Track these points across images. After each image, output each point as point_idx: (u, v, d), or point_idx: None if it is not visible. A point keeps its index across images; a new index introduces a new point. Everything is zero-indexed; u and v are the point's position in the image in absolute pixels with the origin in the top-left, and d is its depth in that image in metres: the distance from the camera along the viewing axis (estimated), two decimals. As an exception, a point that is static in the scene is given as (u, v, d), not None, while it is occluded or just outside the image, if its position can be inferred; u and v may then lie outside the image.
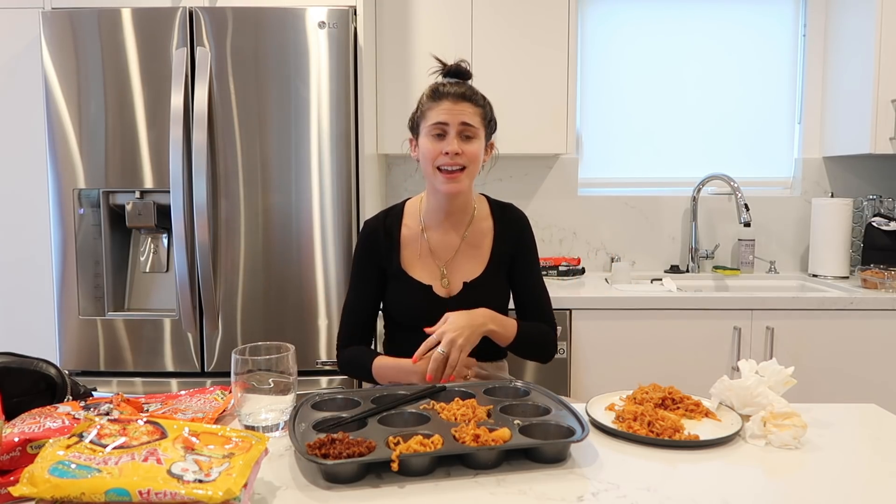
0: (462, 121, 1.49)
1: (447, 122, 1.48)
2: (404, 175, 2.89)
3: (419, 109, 1.55)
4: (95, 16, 2.11)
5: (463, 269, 1.60)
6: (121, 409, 1.12)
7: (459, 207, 1.60)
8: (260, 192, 2.14)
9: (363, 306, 1.63)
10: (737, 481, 1.01)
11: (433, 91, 1.53)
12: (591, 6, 2.90)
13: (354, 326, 1.63)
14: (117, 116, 2.13)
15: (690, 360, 2.31)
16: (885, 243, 2.65)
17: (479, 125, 1.51)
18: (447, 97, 1.50)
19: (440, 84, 1.54)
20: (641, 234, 2.92)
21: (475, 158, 1.52)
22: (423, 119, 1.53)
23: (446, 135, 1.49)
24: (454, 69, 1.56)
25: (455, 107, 1.49)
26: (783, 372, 1.27)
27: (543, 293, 1.66)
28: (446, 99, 1.49)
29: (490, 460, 1.03)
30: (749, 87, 2.94)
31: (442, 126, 1.49)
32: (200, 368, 2.19)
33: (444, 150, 1.48)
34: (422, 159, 1.54)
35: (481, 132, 1.53)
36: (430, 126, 1.50)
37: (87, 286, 2.20)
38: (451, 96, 1.50)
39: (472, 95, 1.52)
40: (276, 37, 2.10)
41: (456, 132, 1.49)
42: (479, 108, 1.52)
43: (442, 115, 1.49)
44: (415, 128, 1.57)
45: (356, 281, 1.63)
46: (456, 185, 1.51)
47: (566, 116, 2.57)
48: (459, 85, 1.53)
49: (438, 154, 1.49)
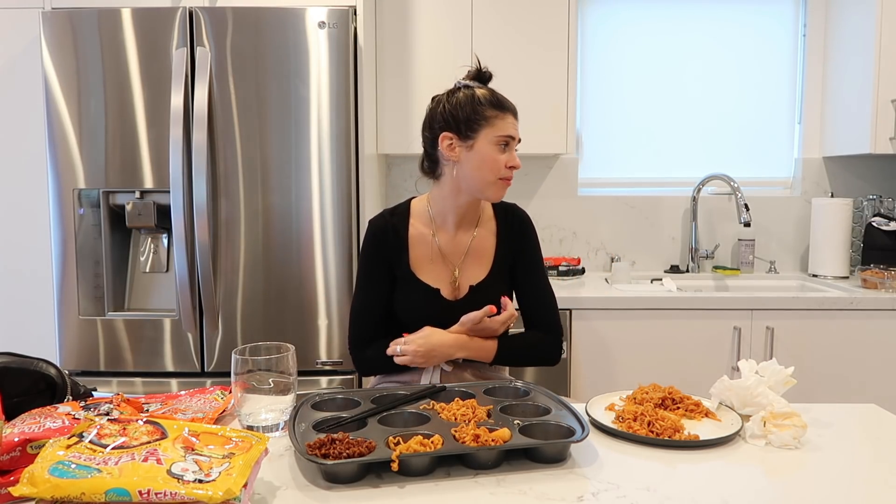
0: (518, 137, 1.56)
1: (514, 136, 1.53)
2: (404, 175, 2.89)
3: (478, 113, 1.50)
4: (95, 16, 2.11)
5: (469, 272, 1.60)
6: (121, 409, 1.12)
7: (472, 211, 1.61)
8: (260, 192, 2.14)
9: (375, 305, 1.60)
10: (737, 481, 1.01)
11: (495, 100, 1.53)
12: (591, 6, 2.90)
13: (367, 327, 1.60)
14: (117, 116, 2.13)
15: (690, 360, 2.31)
16: (885, 243, 2.65)
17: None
18: (510, 111, 1.54)
19: (498, 95, 1.55)
20: (641, 234, 2.92)
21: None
22: (488, 126, 1.50)
23: (509, 147, 1.53)
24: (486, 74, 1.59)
25: (514, 122, 1.54)
26: (783, 372, 1.27)
27: (547, 295, 1.64)
28: (510, 113, 1.54)
29: (490, 460, 1.03)
30: (749, 87, 2.94)
31: (509, 139, 1.52)
32: (200, 368, 2.19)
33: (509, 164, 1.52)
34: (477, 165, 1.51)
35: None
36: (499, 136, 1.51)
37: (87, 286, 2.20)
38: (513, 111, 1.54)
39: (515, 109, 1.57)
40: (275, 37, 2.10)
41: (513, 147, 1.54)
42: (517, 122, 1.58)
43: (510, 128, 1.52)
44: (463, 128, 1.51)
45: (365, 280, 1.60)
46: (504, 192, 1.56)
47: (566, 116, 2.57)
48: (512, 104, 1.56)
49: (503, 165, 1.52)
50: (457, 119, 1.51)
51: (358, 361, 1.62)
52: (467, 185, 1.54)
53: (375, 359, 1.56)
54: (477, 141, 1.51)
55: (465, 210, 1.59)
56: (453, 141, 1.52)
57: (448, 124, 1.52)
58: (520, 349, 1.60)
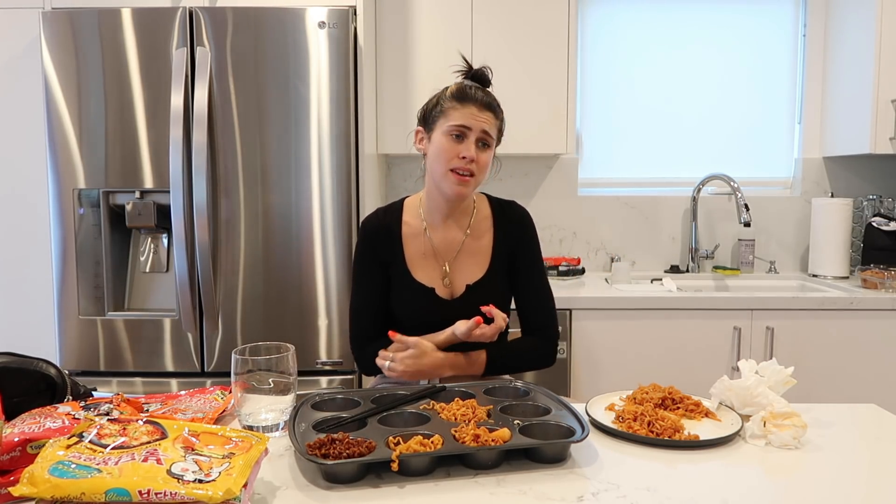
0: (483, 129, 1.49)
1: (470, 127, 1.48)
2: (404, 175, 2.89)
3: (440, 105, 1.52)
4: (95, 16, 2.11)
5: (465, 270, 1.59)
6: (121, 409, 1.12)
7: (462, 208, 1.60)
8: (260, 192, 2.14)
9: (372, 303, 1.60)
10: (737, 481, 1.01)
11: (460, 91, 1.51)
12: (591, 6, 2.90)
13: (367, 325, 1.60)
14: (117, 116, 2.13)
15: (690, 360, 2.31)
16: (885, 243, 2.65)
17: (494, 136, 1.53)
18: (474, 102, 1.49)
19: (467, 86, 1.52)
20: (641, 234, 2.92)
21: (486, 168, 1.52)
22: (444, 117, 1.50)
23: (465, 138, 1.48)
24: (479, 74, 1.55)
25: (480, 114, 1.49)
26: (783, 372, 1.27)
27: (545, 296, 1.62)
28: (473, 104, 1.49)
29: (490, 460, 1.03)
30: (749, 87, 2.94)
31: (463, 129, 1.48)
32: (200, 368, 2.19)
33: (462, 154, 1.47)
34: (433, 156, 1.51)
35: (494, 143, 1.54)
36: (452, 126, 1.48)
37: (87, 286, 2.20)
38: (478, 102, 1.49)
39: (495, 106, 1.53)
40: (275, 37, 2.10)
41: (476, 138, 1.49)
42: (497, 121, 1.53)
43: (466, 118, 1.48)
44: (428, 121, 1.54)
45: (361, 279, 1.61)
46: (463, 189, 1.50)
47: (566, 116, 2.57)
48: (485, 93, 1.52)
49: (455, 156, 1.48)
50: (425, 112, 1.56)
51: (359, 359, 1.62)
52: (431, 179, 1.55)
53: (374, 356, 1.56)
54: (434, 132, 1.52)
55: (450, 206, 1.57)
56: (422, 134, 1.56)
57: (420, 119, 1.57)
58: (511, 358, 1.58)
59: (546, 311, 1.62)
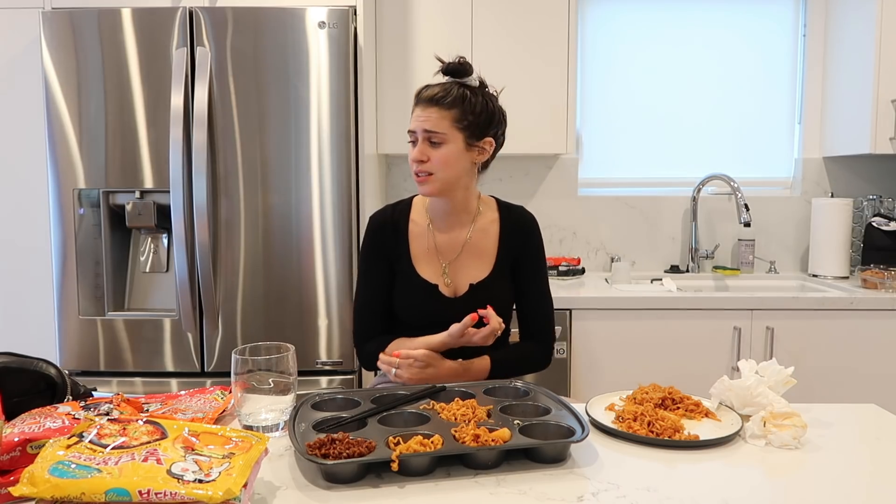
0: (424, 128, 1.48)
1: (414, 130, 1.51)
2: (404, 175, 2.89)
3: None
4: (95, 16, 2.11)
5: (468, 269, 1.59)
6: (121, 409, 1.12)
7: (459, 207, 1.59)
8: (260, 192, 2.14)
9: (377, 299, 1.60)
10: (737, 481, 1.01)
11: (415, 95, 1.53)
12: (591, 7, 2.90)
13: (371, 321, 1.61)
14: (117, 116, 2.13)
15: (690, 360, 2.31)
16: (885, 243, 2.65)
17: (445, 129, 1.48)
18: (419, 103, 1.51)
19: (422, 87, 1.53)
20: (641, 234, 2.92)
21: (444, 163, 1.49)
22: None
23: (417, 142, 1.51)
24: (451, 67, 1.53)
25: (423, 113, 1.49)
26: (783, 372, 1.27)
27: (545, 301, 1.63)
28: (418, 106, 1.51)
29: (490, 460, 1.03)
30: (749, 87, 2.93)
31: (412, 133, 1.52)
32: (200, 368, 2.19)
33: (411, 159, 1.51)
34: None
35: (452, 135, 1.49)
36: (408, 131, 1.52)
37: (87, 286, 2.20)
38: (423, 102, 1.50)
39: (441, 98, 1.48)
40: (275, 37, 2.10)
41: (423, 139, 1.49)
42: (448, 111, 1.48)
43: (412, 121, 1.51)
44: None
45: (366, 276, 1.61)
46: (427, 188, 1.51)
47: (566, 116, 2.57)
48: (440, 86, 1.50)
49: (412, 161, 1.51)
50: None
51: (360, 355, 1.63)
52: None
53: (376, 353, 1.56)
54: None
55: (446, 207, 1.58)
56: None
57: None
58: (511, 363, 1.59)
59: (546, 317, 1.64)
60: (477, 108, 1.50)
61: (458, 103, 1.49)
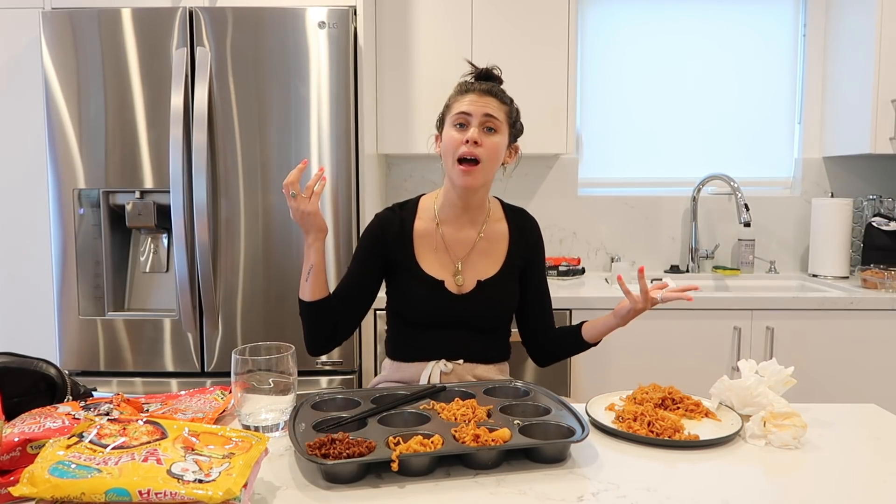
0: (486, 112, 1.48)
1: (471, 113, 1.48)
2: (404, 175, 2.89)
3: (446, 105, 1.55)
4: (95, 16, 2.11)
5: (477, 267, 1.59)
6: (121, 409, 1.12)
7: (476, 204, 1.59)
8: (260, 192, 2.14)
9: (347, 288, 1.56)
10: (737, 481, 1.01)
11: (460, 86, 1.54)
12: (591, 6, 2.90)
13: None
14: (117, 116, 2.13)
15: (690, 360, 2.31)
16: (885, 243, 2.65)
17: (503, 120, 1.50)
18: (473, 90, 1.50)
19: (468, 81, 1.55)
20: (641, 234, 2.92)
21: (494, 152, 1.50)
22: (448, 111, 1.53)
23: (468, 126, 1.48)
24: (485, 73, 1.56)
25: (480, 99, 1.49)
26: (783, 372, 1.27)
27: (547, 300, 1.69)
28: (472, 92, 1.50)
29: (490, 460, 1.03)
30: (749, 87, 2.93)
31: (465, 116, 1.48)
32: (200, 368, 2.19)
33: (465, 139, 1.47)
34: (444, 152, 1.52)
35: (505, 128, 1.51)
36: (455, 115, 1.49)
37: (87, 286, 2.20)
38: (478, 91, 1.50)
39: (498, 93, 1.52)
40: (276, 37, 2.10)
41: (479, 123, 1.47)
42: (504, 105, 1.52)
43: (466, 105, 1.48)
44: (441, 123, 1.57)
45: (353, 265, 1.60)
46: (470, 178, 1.48)
47: (566, 116, 2.57)
48: (489, 84, 1.53)
49: (460, 143, 1.47)
50: (440, 117, 1.58)
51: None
52: (447, 177, 1.56)
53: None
54: (444, 129, 1.54)
55: (465, 203, 1.57)
56: (438, 138, 1.59)
57: (438, 124, 1.60)
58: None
59: (547, 314, 1.69)
60: (515, 114, 1.57)
61: (510, 102, 1.55)
